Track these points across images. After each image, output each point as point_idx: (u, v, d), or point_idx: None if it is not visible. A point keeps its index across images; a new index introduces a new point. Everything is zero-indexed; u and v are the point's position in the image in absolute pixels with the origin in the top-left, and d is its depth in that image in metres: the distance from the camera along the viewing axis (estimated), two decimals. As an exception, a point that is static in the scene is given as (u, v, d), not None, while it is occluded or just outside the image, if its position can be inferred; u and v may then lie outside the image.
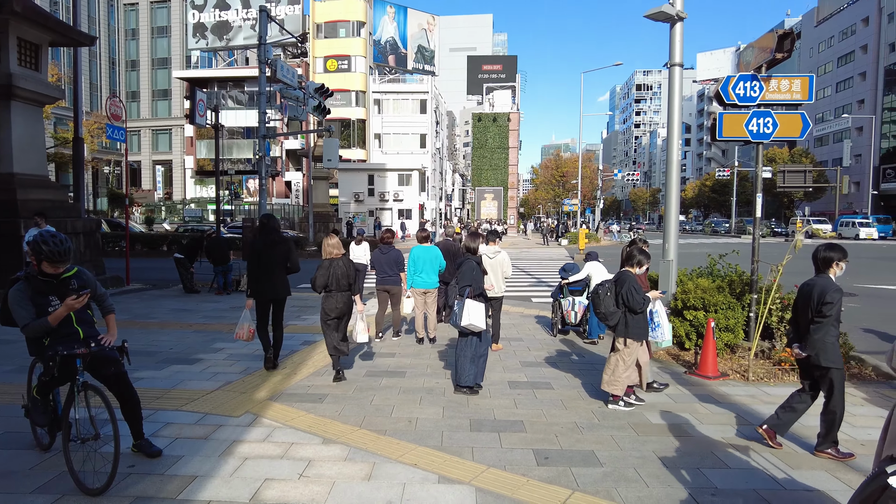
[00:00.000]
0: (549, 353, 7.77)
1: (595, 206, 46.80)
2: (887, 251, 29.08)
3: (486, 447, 4.49)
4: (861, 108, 59.54)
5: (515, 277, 17.94)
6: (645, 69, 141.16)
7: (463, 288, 5.84)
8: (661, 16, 7.15)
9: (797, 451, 4.46)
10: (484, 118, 62.87)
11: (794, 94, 6.94)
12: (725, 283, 7.64)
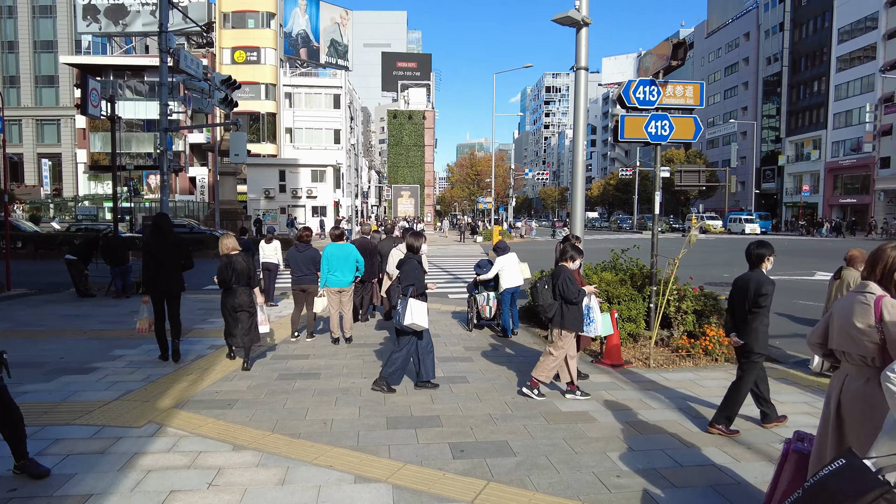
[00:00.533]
0: (465, 347, 7.90)
1: (508, 205, 48.05)
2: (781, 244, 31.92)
3: (403, 444, 4.50)
4: (745, 114, 65.07)
5: (432, 274, 18.06)
6: (554, 72, 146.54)
7: (406, 287, 5.82)
8: (567, 20, 7.44)
9: (692, 431, 4.82)
10: (399, 115, 62.75)
11: (687, 100, 7.47)
12: (627, 277, 8.10)
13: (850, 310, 2.73)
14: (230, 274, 6.52)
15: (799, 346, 8.02)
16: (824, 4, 53.67)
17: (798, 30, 57.66)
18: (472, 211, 68.04)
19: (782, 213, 57.46)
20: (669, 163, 54.52)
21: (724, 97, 69.99)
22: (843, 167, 50.78)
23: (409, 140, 61.95)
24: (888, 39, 46.18)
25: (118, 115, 17.32)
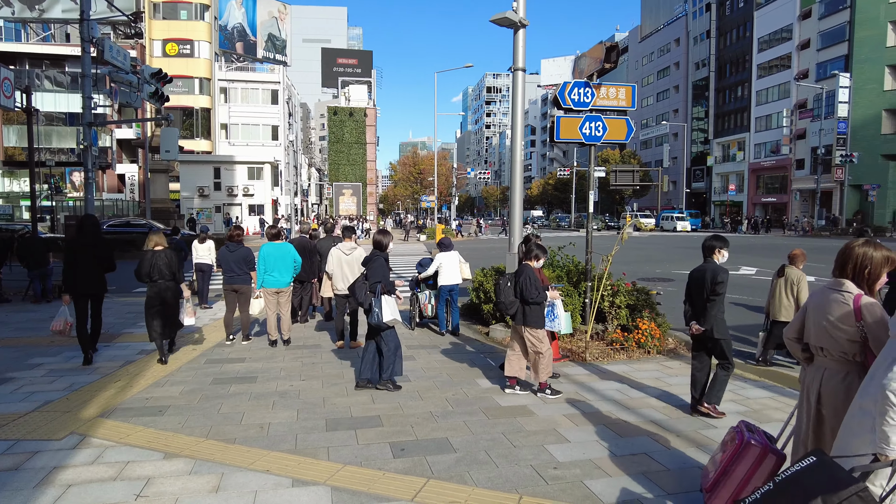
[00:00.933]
0: (406, 346, 7.87)
1: (451, 203, 48.28)
2: (698, 241, 33.53)
3: (343, 445, 4.44)
4: (676, 116, 68.02)
5: (374, 273, 17.92)
6: (495, 72, 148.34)
7: (374, 284, 5.74)
8: (505, 21, 7.54)
9: (626, 421, 4.99)
10: (340, 112, 61.91)
11: (620, 101, 7.72)
12: (564, 273, 8.31)
13: (828, 308, 2.85)
14: (150, 268, 6.68)
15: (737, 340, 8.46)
16: (746, 15, 56.81)
17: (723, 37, 60.80)
18: (416, 209, 67.96)
19: (711, 212, 60.43)
20: (605, 163, 56.31)
21: (657, 100, 72.92)
22: (765, 168, 53.95)
23: (351, 137, 61.23)
24: (801, 50, 49.41)
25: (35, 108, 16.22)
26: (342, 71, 75.10)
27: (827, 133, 43.17)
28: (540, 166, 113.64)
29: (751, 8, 55.95)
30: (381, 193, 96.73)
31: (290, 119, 53.54)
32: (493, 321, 8.69)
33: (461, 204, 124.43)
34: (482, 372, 6.54)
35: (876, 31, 42.87)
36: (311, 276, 9.24)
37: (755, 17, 54.82)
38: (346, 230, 7.80)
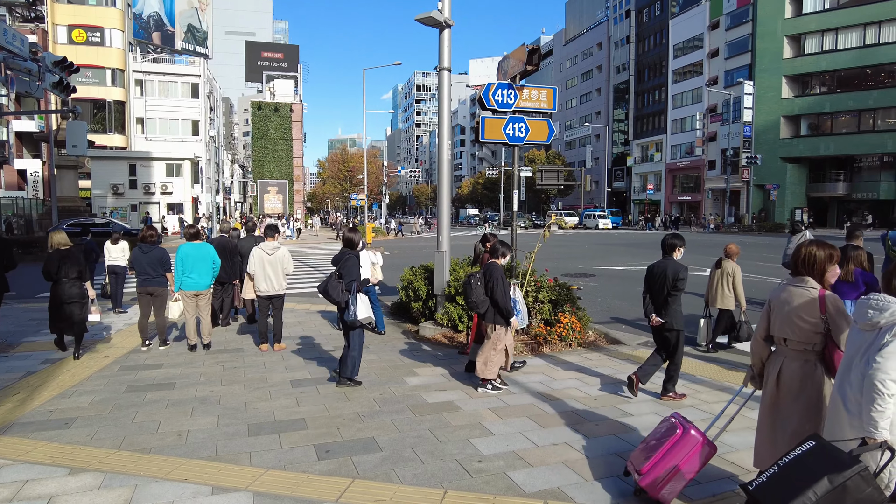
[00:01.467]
0: (335, 347, 7.78)
1: (382, 202, 47.99)
2: (618, 238, 35.08)
3: (266, 450, 4.34)
4: (598, 118, 70.72)
5: (302, 273, 17.56)
6: (424, 71, 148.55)
7: (350, 283, 5.72)
8: (430, 21, 7.59)
9: (547, 412, 5.16)
10: (265, 107, 60.05)
11: (542, 104, 7.96)
12: (492, 271, 8.46)
13: (794, 302, 3.12)
14: (56, 267, 6.70)
15: (641, 329, 8.91)
16: (662, 22, 59.88)
17: (642, 43, 63.82)
18: (346, 208, 67.01)
19: (631, 210, 63.31)
20: (532, 163, 57.69)
21: (581, 102, 75.54)
22: (680, 168, 57.11)
23: (276, 133, 59.53)
24: (711, 58, 52.67)
25: (-82, 96, 14.73)
26: (267, 65, 72.77)
27: (735, 136, 46.27)
28: (470, 165, 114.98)
29: (666, 16, 59.02)
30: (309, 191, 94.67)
31: (212, 114, 51.38)
32: (422, 319, 8.73)
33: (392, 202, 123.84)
34: (411, 370, 6.57)
35: (774, 44, 46.35)
36: (233, 277, 8.93)
37: (670, 26, 57.88)
38: (269, 229, 7.59)
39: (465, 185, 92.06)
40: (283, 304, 7.69)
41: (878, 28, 43.05)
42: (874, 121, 43.80)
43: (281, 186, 57.43)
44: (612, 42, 69.11)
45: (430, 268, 8.74)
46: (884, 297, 2.70)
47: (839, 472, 2.37)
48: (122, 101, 43.82)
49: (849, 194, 45.47)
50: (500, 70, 8.16)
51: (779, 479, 2.51)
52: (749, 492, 2.61)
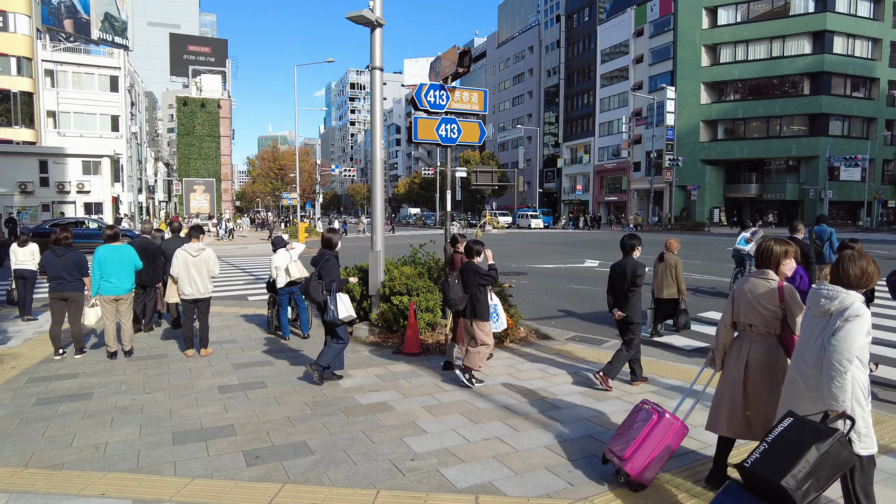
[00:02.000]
0: (264, 351, 7.59)
1: (315, 201, 47.06)
2: (549, 237, 36.05)
3: (192, 458, 4.19)
4: (530, 120, 72.34)
5: (231, 275, 17.00)
6: (358, 69, 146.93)
7: (330, 283, 5.84)
8: (361, 19, 7.54)
9: (480, 408, 5.26)
10: (191, 103, 57.60)
11: (473, 105, 8.08)
12: (425, 270, 8.52)
13: (757, 292, 3.51)
14: None
15: (571, 325, 9.22)
16: (590, 28, 61.98)
17: (571, 48, 65.80)
18: (277, 207, 65.30)
19: (561, 210, 65.16)
20: (467, 164, 58.24)
21: (513, 104, 76.99)
22: (608, 170, 59.32)
23: (203, 130, 57.23)
24: (637, 64, 55.04)
25: None
26: (194, 59, 69.72)
27: (658, 139, 48.56)
28: (406, 165, 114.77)
29: (594, 22, 61.14)
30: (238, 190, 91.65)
31: (134, 108, 48.72)
32: (356, 320, 8.65)
33: (327, 202, 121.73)
34: (344, 372, 6.50)
35: (693, 53, 49.02)
36: (155, 280, 8.54)
37: (598, 31, 60.00)
38: (194, 230, 7.30)
39: (402, 184, 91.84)
40: (209, 308, 7.43)
41: (782, 42, 46.40)
42: (781, 127, 47.19)
43: (208, 185, 55.28)
44: (543, 46, 70.88)
45: (365, 268, 8.68)
46: (833, 288, 3.05)
47: (823, 440, 2.70)
48: (30, 92, 40.80)
49: (760, 195, 48.75)
50: (432, 71, 8.22)
51: (772, 454, 2.78)
52: (747, 469, 2.82)
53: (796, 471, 2.65)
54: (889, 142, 49.36)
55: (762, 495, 2.77)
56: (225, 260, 21.83)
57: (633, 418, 3.84)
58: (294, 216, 45.50)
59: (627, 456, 3.64)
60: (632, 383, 5.97)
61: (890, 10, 47.88)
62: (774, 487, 2.68)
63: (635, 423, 3.78)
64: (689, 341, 8.18)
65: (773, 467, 2.72)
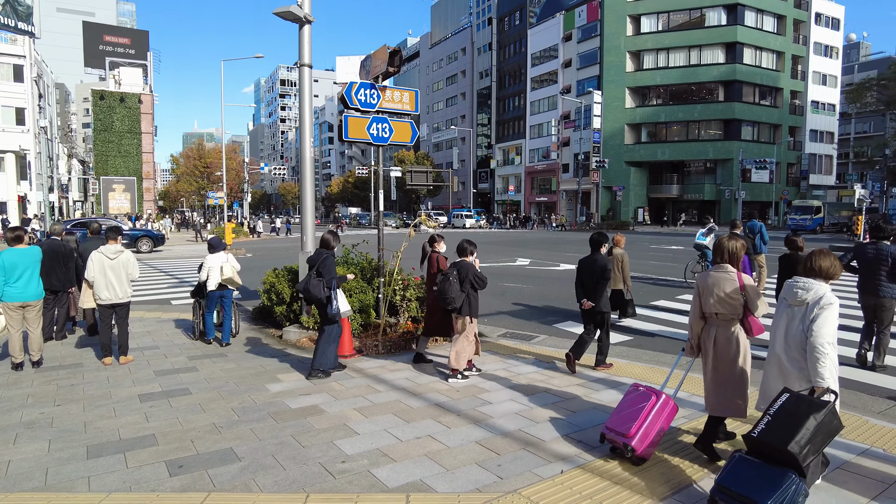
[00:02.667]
0: (188, 357, 7.29)
1: (243, 200, 45.56)
2: (482, 237, 36.57)
3: (108, 472, 3.98)
4: (463, 121, 73.03)
5: (152, 278, 16.21)
6: (289, 65, 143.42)
7: (331, 280, 6.10)
8: (289, 15, 7.37)
9: (412, 407, 5.27)
10: (108, 97, 54.38)
11: (404, 105, 8.08)
12: (358, 270, 8.44)
13: (720, 285, 3.99)
14: None
15: (503, 322, 9.40)
16: (521, 32, 63.30)
17: (503, 51, 66.96)
18: (203, 207, 62.75)
19: (495, 210, 66.22)
20: (402, 163, 58.19)
21: (447, 105, 77.48)
22: (538, 171, 60.80)
23: (122, 126, 54.16)
24: (565, 68, 56.73)
25: None
26: (111, 50, 65.76)
27: (586, 141, 50.27)
28: (339, 164, 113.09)
29: (525, 26, 62.50)
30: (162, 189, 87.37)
31: (42, 101, 45.37)
32: (286, 323, 8.47)
33: (256, 201, 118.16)
34: (273, 376, 6.35)
35: (618, 58, 51.08)
36: (67, 285, 8.02)
37: (529, 35, 61.38)
38: (111, 231, 6.92)
39: (335, 183, 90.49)
40: (128, 313, 7.06)
41: (699, 51, 49.19)
42: (699, 131, 50.00)
43: (128, 184, 52.40)
44: (476, 48, 71.74)
45: (295, 269, 8.50)
46: (807, 280, 3.60)
47: (818, 411, 3.16)
48: (-80, 81, 37.25)
49: (681, 195, 51.44)
50: (362, 69, 8.15)
51: (776, 424, 3.21)
52: (754, 439, 3.24)
53: (799, 437, 3.08)
54: (792, 147, 53.37)
55: (768, 460, 3.17)
56: (146, 262, 20.77)
57: (630, 399, 4.17)
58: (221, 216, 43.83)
59: (633, 434, 3.93)
60: (595, 368, 6.50)
61: (791, 27, 51.81)
62: (781, 453, 3.09)
63: (635, 404, 4.09)
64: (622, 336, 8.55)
65: (778, 436, 3.13)
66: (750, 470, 3.16)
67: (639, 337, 8.43)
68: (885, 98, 46.19)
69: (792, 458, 3.06)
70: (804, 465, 3.09)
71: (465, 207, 60.40)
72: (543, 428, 4.76)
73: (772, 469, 3.12)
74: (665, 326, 9.13)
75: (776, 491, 3.00)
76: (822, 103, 56.06)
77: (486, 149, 71.17)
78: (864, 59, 75.69)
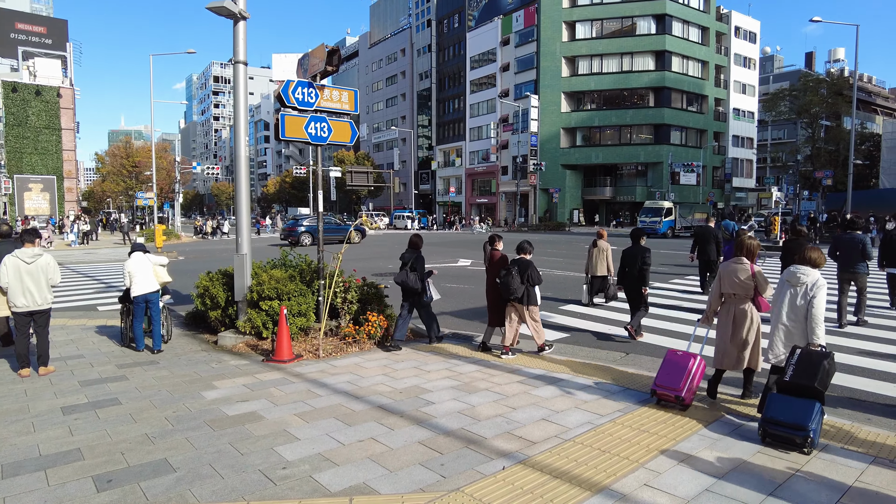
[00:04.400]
0: (117, 366, 6.94)
1: (174, 200, 43.65)
2: (427, 238, 36.57)
3: (27, 492, 3.73)
4: (404, 122, 72.87)
5: (76, 283, 15.31)
6: (223, 62, 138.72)
7: (423, 272, 7.70)
8: (223, 11, 7.15)
9: (354, 410, 5.23)
10: (22, 89, 50.77)
11: (343, 105, 8.00)
12: (297, 273, 8.28)
13: (737, 273, 5.30)
14: None
15: (446, 322, 9.45)
16: (460, 34, 63.80)
17: (442, 52, 67.26)
18: (131, 208, 59.70)
19: (436, 211, 66.42)
20: (342, 163, 57.38)
21: (387, 105, 77.07)
22: (478, 173, 61.44)
23: (38, 121, 50.72)
24: (503, 72, 57.62)
25: None
26: (24, 39, 61.33)
27: (524, 144, 51.21)
28: (276, 163, 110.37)
29: (464, 29, 63.03)
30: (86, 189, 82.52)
31: (-55, 93, 41.86)
32: (221, 328, 8.20)
33: (188, 201, 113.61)
34: (209, 383, 6.14)
35: (554, 63, 52.38)
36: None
37: (467, 38, 61.95)
38: (27, 234, 6.49)
39: (272, 183, 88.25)
40: (48, 321, 6.64)
41: (631, 58, 51.16)
42: (631, 135, 51.98)
43: (47, 183, 49.17)
44: (416, 49, 71.74)
45: (230, 272, 8.24)
46: (804, 268, 4.80)
47: (827, 358, 4.44)
48: None
49: (614, 197, 53.30)
50: (300, 67, 8.01)
51: (799, 370, 4.43)
52: (787, 382, 4.43)
53: (819, 376, 4.34)
54: (717, 151, 56.39)
55: (797, 395, 4.38)
56: (70, 267, 19.57)
57: (675, 362, 5.25)
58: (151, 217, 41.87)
59: (682, 387, 5.09)
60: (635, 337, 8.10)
61: (714, 38, 54.78)
62: (809, 389, 4.34)
63: (678, 364, 5.21)
64: (558, 333, 8.77)
65: (805, 377, 4.38)
66: (787, 404, 4.35)
67: (575, 333, 8.68)
68: (797, 107, 49.68)
69: (817, 391, 4.34)
70: (824, 395, 4.44)
71: (407, 208, 60.25)
72: (485, 426, 4.83)
73: (802, 401, 4.33)
74: (598, 323, 9.43)
75: (811, 415, 4.23)
76: (742, 111, 59.54)
77: (427, 150, 71.29)
78: (777, 70, 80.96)
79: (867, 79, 78.05)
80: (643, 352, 7.56)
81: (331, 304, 7.88)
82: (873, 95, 74.16)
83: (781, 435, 4.26)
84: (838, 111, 48.42)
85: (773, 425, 4.30)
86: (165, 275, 7.90)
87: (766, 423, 4.34)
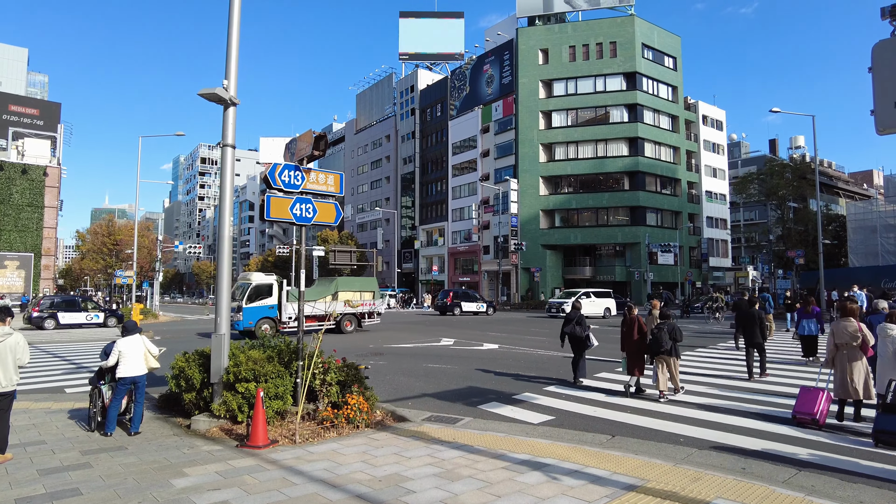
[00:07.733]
0: (81, 452, 6.59)
1: (154, 279, 43.15)
2: (406, 317, 36.33)
3: None
4: (388, 203, 74.33)
5: (42, 364, 14.76)
6: (210, 144, 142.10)
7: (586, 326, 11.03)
8: (214, 97, 7.43)
9: (331, 500, 4.98)
10: (8, 168, 51.10)
11: (329, 187, 8.19)
12: (275, 353, 8.11)
13: (847, 329, 7.59)
14: None
15: (427, 405, 9.21)
16: (442, 122, 66.60)
17: (425, 139, 69.87)
18: (109, 286, 58.76)
19: (419, 290, 66.42)
20: (325, 243, 57.83)
21: (371, 187, 78.88)
22: (460, 252, 62.16)
23: (22, 199, 50.74)
24: (484, 157, 59.80)
25: None
26: (16, 120, 62.53)
27: (504, 225, 52.28)
28: (259, 243, 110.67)
29: (446, 117, 65.89)
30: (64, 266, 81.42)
31: (-71, 171, 41.95)
32: (196, 412, 7.89)
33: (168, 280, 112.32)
34: (179, 470, 5.84)
35: (532, 150, 54.56)
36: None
37: (450, 126, 64.65)
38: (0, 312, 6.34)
39: (254, 262, 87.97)
40: (11, 404, 6.36)
41: (605, 144, 53.54)
42: (608, 217, 53.42)
43: (23, 260, 48.48)
44: (400, 135, 74.50)
45: (207, 353, 8.04)
46: (891, 325, 7.06)
47: None
48: None
49: (594, 276, 53.92)
50: (287, 151, 8.24)
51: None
52: (889, 404, 6.58)
53: None
54: (693, 232, 57.99)
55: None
56: (38, 346, 18.95)
57: (808, 394, 7.64)
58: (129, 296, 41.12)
59: (816, 412, 7.43)
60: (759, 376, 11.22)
61: (683, 126, 57.86)
62: None
63: (809, 395, 7.60)
64: (543, 416, 8.57)
65: None
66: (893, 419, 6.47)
67: (560, 415, 8.51)
68: (765, 190, 51.83)
69: None
70: None
71: (390, 287, 60.18)
72: (468, 515, 4.62)
73: None
74: (584, 405, 9.27)
75: None
76: (714, 193, 61.88)
77: (410, 230, 72.30)
78: (745, 155, 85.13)
79: (827, 164, 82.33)
80: (629, 434, 7.41)
81: (309, 386, 7.68)
82: (834, 179, 77.87)
83: (889, 440, 6.47)
84: (804, 194, 50.63)
85: (883, 434, 6.52)
86: (154, 360, 7.75)
87: (878, 433, 6.54)
